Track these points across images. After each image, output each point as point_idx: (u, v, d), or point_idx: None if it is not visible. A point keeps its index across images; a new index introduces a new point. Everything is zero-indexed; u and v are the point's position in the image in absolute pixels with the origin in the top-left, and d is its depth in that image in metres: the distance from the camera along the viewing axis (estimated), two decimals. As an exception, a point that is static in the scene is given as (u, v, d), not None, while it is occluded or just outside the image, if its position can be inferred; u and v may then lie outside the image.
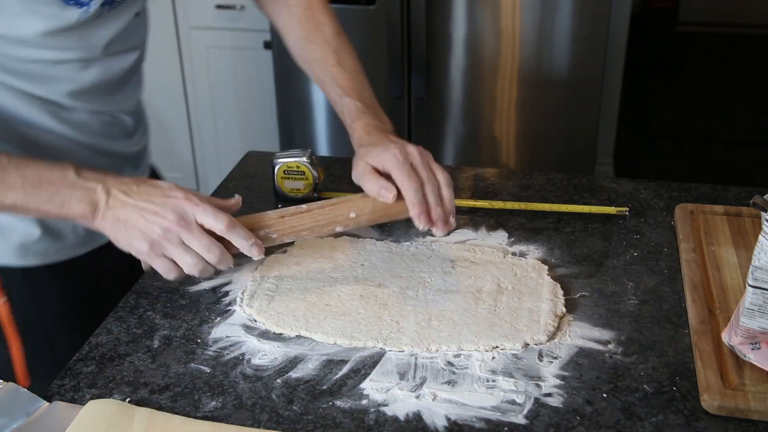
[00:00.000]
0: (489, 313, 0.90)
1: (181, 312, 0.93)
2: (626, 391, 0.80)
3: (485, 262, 1.00)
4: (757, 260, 0.77)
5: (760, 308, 0.78)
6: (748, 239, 1.01)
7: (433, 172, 0.91)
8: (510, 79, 2.45)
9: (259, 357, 0.86)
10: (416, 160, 0.91)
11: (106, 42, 0.98)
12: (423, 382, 0.81)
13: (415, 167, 0.91)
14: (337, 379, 0.82)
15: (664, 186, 1.18)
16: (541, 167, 2.48)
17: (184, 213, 0.85)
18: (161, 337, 0.89)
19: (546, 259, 1.01)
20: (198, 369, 0.84)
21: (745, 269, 0.90)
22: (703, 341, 0.84)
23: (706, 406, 0.78)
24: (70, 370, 0.85)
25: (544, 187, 1.19)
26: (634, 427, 0.76)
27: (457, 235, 1.07)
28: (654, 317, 0.91)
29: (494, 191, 1.18)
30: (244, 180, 1.23)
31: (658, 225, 1.09)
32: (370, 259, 1.01)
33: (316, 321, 0.90)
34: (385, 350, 0.86)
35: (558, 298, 0.93)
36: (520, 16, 2.34)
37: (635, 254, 1.02)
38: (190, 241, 0.85)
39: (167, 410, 0.79)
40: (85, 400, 0.80)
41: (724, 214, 1.07)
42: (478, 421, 0.77)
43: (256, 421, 0.77)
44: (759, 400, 0.76)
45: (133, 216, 0.85)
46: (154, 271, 0.88)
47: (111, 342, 0.89)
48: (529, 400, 0.79)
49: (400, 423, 0.77)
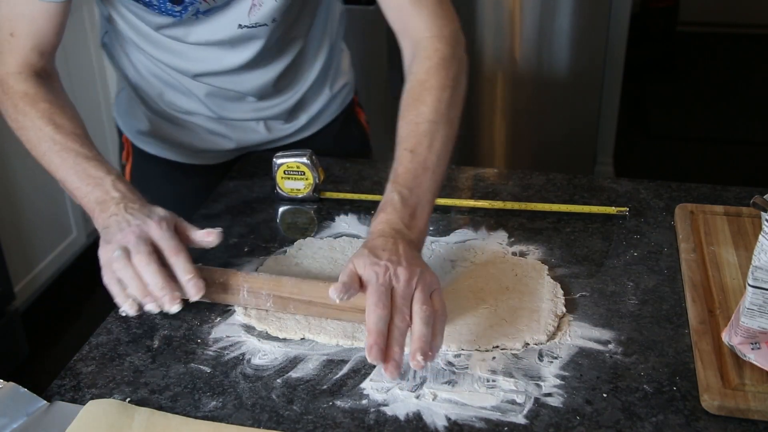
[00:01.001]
0: (489, 313, 0.90)
1: (181, 312, 0.93)
2: (626, 391, 0.80)
3: (485, 262, 1.00)
4: (757, 260, 0.77)
5: (760, 308, 0.78)
6: (748, 239, 1.01)
7: (414, 304, 0.80)
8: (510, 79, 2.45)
9: (259, 357, 0.86)
10: (399, 286, 0.80)
11: (216, 38, 1.11)
12: (423, 382, 0.81)
13: (394, 294, 0.80)
14: (337, 379, 0.82)
15: (664, 186, 1.18)
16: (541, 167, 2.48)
17: (144, 233, 0.87)
18: (161, 337, 0.89)
19: (546, 259, 1.01)
20: (198, 369, 0.84)
21: (745, 269, 0.90)
22: (703, 341, 0.84)
23: (706, 406, 0.78)
24: (70, 370, 0.85)
25: (544, 187, 1.19)
26: (634, 427, 0.76)
27: (457, 235, 1.07)
28: (654, 317, 0.91)
29: (494, 191, 1.18)
30: (244, 180, 1.23)
31: (658, 225, 1.09)
32: (370, 259, 1.01)
33: (317, 322, 0.90)
34: (385, 350, 0.86)
35: (558, 298, 0.93)
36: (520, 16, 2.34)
37: (635, 254, 1.02)
38: (136, 262, 0.85)
39: (167, 410, 0.79)
40: (85, 400, 0.80)
41: (724, 214, 1.07)
42: (478, 421, 0.77)
43: (256, 421, 0.77)
44: (759, 400, 0.76)
45: (110, 231, 0.89)
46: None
47: (111, 342, 0.89)
48: (529, 400, 0.79)
49: (400, 423, 0.77)
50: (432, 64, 0.98)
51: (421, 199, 0.90)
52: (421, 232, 0.89)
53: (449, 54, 0.99)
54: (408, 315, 0.79)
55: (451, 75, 0.98)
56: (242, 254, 1.04)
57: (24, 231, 2.41)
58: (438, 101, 0.95)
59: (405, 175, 0.91)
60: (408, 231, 0.87)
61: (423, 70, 0.98)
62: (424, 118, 0.94)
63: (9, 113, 1.03)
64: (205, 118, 1.26)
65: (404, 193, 0.89)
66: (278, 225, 1.12)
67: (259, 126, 1.28)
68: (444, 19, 1.02)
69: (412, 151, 0.93)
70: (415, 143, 0.93)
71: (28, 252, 2.45)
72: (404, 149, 0.93)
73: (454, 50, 1.00)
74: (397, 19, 1.04)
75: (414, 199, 0.90)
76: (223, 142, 1.29)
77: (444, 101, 0.96)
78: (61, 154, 0.97)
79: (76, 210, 2.67)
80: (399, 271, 0.81)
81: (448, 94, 0.96)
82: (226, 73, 1.18)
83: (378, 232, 0.86)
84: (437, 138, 0.94)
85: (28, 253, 2.45)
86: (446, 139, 0.95)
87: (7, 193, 2.33)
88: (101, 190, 0.93)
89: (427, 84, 0.97)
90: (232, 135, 1.28)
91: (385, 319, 0.78)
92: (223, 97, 1.22)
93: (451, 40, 1.01)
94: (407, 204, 0.89)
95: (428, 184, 0.92)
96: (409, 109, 0.96)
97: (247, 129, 1.28)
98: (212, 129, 1.28)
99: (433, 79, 0.97)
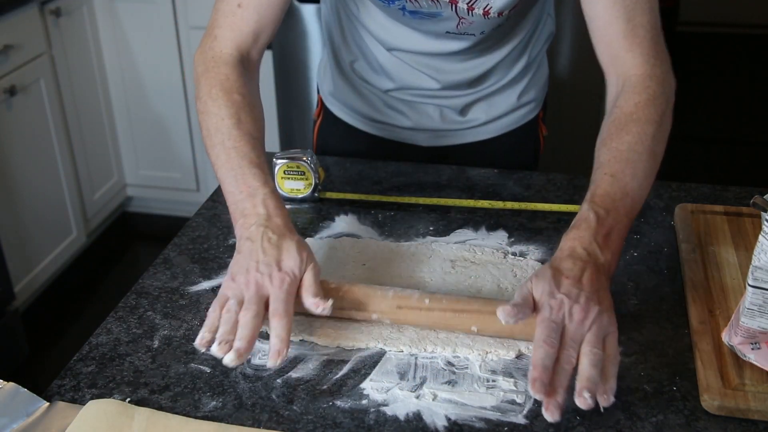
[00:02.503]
0: (489, 313, 0.90)
1: (181, 312, 0.93)
2: (626, 391, 0.80)
3: (485, 263, 1.00)
4: (757, 260, 0.77)
5: (760, 308, 0.78)
6: (748, 239, 1.01)
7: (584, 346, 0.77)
8: (510, 79, 2.44)
9: (259, 357, 0.86)
10: (571, 326, 0.77)
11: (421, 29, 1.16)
12: (423, 382, 0.81)
13: (565, 332, 0.77)
14: (337, 379, 0.82)
15: (664, 186, 1.18)
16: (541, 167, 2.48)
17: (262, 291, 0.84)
18: (161, 337, 0.89)
19: (546, 259, 1.01)
20: (198, 369, 0.84)
21: (745, 269, 0.90)
22: (703, 341, 0.84)
23: (706, 406, 0.78)
24: (70, 370, 0.85)
25: (544, 187, 1.19)
26: (634, 427, 0.76)
27: (457, 235, 1.07)
28: (654, 317, 0.91)
29: (494, 191, 1.18)
30: (244, 180, 1.23)
31: (658, 225, 1.09)
32: (371, 259, 1.01)
33: (318, 324, 0.89)
34: (385, 350, 0.86)
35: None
36: (520, 16, 2.34)
37: (635, 254, 1.02)
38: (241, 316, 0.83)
39: (167, 410, 0.79)
40: (85, 400, 0.80)
41: (724, 214, 1.07)
42: (478, 421, 0.77)
43: (256, 421, 0.77)
44: (759, 400, 0.76)
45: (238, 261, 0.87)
46: None
47: (111, 342, 0.89)
48: (529, 400, 0.79)
49: (400, 423, 0.77)
50: (641, 100, 0.96)
51: (618, 223, 0.87)
52: (613, 256, 0.86)
53: (659, 92, 0.97)
54: (574, 359, 0.76)
55: (659, 111, 0.96)
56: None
57: (24, 231, 2.41)
58: (644, 133, 0.93)
59: (603, 197, 0.88)
60: (600, 253, 0.84)
61: (631, 104, 0.96)
62: (628, 147, 0.92)
63: (201, 93, 1.01)
64: (386, 95, 1.29)
65: (601, 213, 0.86)
66: (278, 225, 1.12)
67: (435, 113, 1.29)
68: (656, 59, 0.99)
69: (613, 175, 0.90)
70: (617, 169, 0.91)
71: (28, 252, 2.45)
72: (605, 173, 0.91)
73: (664, 89, 0.98)
74: (607, 53, 1.02)
75: (611, 221, 0.86)
76: (399, 117, 1.31)
77: (649, 135, 0.94)
78: (229, 152, 0.95)
79: (76, 210, 2.67)
80: (574, 309, 0.78)
81: (654, 128, 0.94)
82: (422, 55, 1.20)
83: (568, 250, 0.83)
84: (639, 168, 0.91)
85: (28, 253, 2.45)
86: (649, 170, 0.93)
87: (7, 193, 2.33)
88: (251, 202, 0.91)
89: (634, 116, 0.95)
90: (408, 113, 1.30)
91: (552, 356, 0.75)
92: (410, 76, 1.24)
93: (662, 80, 0.98)
94: (603, 224, 0.86)
95: (626, 209, 0.89)
96: (612, 137, 0.94)
97: (422, 112, 1.30)
98: (390, 104, 1.30)
99: (640, 112, 0.95)
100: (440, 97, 1.27)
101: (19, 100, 2.34)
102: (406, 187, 1.20)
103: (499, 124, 1.33)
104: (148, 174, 2.96)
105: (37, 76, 2.42)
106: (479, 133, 1.33)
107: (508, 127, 1.34)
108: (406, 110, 1.30)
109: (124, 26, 2.71)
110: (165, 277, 1.00)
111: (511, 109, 1.32)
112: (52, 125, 2.51)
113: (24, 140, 2.39)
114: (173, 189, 2.98)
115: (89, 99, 2.73)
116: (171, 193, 2.99)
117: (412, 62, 1.22)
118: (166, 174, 2.95)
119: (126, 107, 2.85)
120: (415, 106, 1.29)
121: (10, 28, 2.28)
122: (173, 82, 2.77)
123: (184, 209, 2.95)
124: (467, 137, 1.33)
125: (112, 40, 2.74)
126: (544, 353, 0.75)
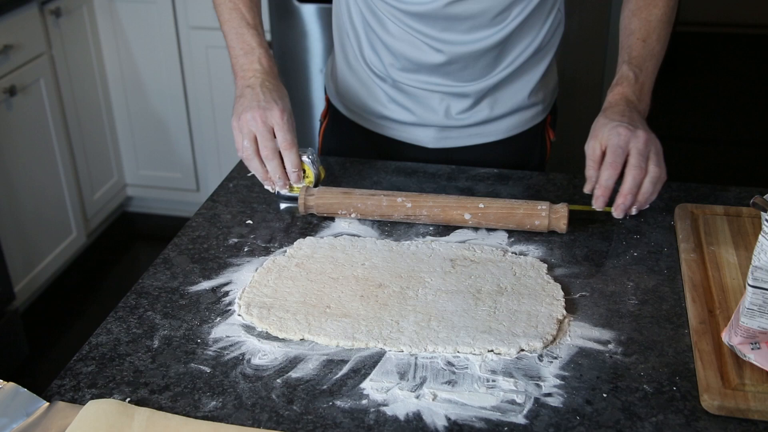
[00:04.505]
0: (487, 315, 0.90)
1: (181, 312, 0.93)
2: (626, 391, 0.80)
3: (485, 261, 1.00)
4: (757, 260, 0.77)
5: (760, 308, 0.78)
6: (748, 239, 1.01)
7: (649, 164, 1.00)
8: (510, 79, 2.44)
9: (259, 357, 0.86)
10: (638, 144, 1.00)
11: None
12: (423, 382, 0.81)
13: (631, 152, 1.00)
14: (337, 379, 0.82)
15: (664, 186, 1.17)
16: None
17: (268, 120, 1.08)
18: (161, 337, 0.89)
19: (546, 259, 1.01)
20: (198, 369, 0.84)
21: (745, 269, 0.90)
22: (703, 341, 0.84)
23: (706, 406, 0.78)
24: (70, 370, 0.85)
25: (544, 187, 1.19)
26: (634, 427, 0.76)
27: (457, 235, 1.07)
28: (654, 317, 0.91)
29: (494, 191, 1.18)
30: (244, 180, 1.23)
31: (658, 225, 1.09)
32: (371, 259, 1.01)
33: (317, 324, 0.90)
34: (385, 350, 0.86)
35: (558, 300, 0.93)
36: (520, 16, 2.34)
37: (635, 254, 1.02)
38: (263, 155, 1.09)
39: (167, 410, 0.79)
40: (85, 400, 0.80)
41: (724, 214, 1.07)
42: (478, 421, 0.77)
43: (256, 421, 0.77)
44: (759, 400, 0.76)
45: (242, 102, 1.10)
46: None
47: (111, 342, 0.89)
48: (529, 400, 0.79)
49: (400, 423, 0.77)
50: None
51: (647, 80, 1.12)
52: (647, 106, 1.10)
53: None
54: (644, 169, 0.99)
55: None
56: (242, 254, 1.04)
57: (24, 231, 2.41)
58: (668, 7, 1.17)
59: (638, 58, 1.12)
60: (638, 103, 1.08)
61: None
62: (656, 18, 1.15)
63: None
64: (391, 87, 1.30)
65: (637, 72, 1.10)
66: (278, 225, 1.12)
67: (440, 106, 1.28)
68: None
69: (644, 40, 1.13)
70: (647, 35, 1.14)
71: (28, 252, 2.45)
72: (637, 39, 1.14)
73: None
74: None
75: (643, 77, 1.11)
76: (403, 113, 1.31)
77: (670, 9, 1.17)
78: (231, 12, 1.18)
79: (76, 210, 2.67)
80: (638, 133, 1.01)
81: (673, 4, 1.17)
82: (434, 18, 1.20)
83: (615, 102, 1.08)
84: (662, 35, 1.15)
85: (28, 253, 2.45)
86: (668, 36, 1.17)
87: (8, 193, 2.33)
88: (249, 58, 1.14)
89: None
90: (412, 108, 1.30)
91: (615, 178, 0.99)
92: (415, 51, 1.24)
93: None
94: (638, 80, 1.10)
95: (653, 69, 1.13)
96: (641, 9, 1.16)
97: (427, 105, 1.29)
98: (395, 98, 1.30)
99: None
100: (445, 85, 1.26)
101: (19, 100, 2.34)
102: (406, 187, 1.20)
103: (505, 124, 1.31)
104: (148, 174, 2.96)
105: (37, 76, 2.42)
106: (484, 133, 1.31)
107: (515, 130, 1.32)
108: (410, 105, 1.29)
109: (124, 26, 2.71)
110: (165, 277, 1.00)
111: (518, 108, 1.30)
112: (52, 125, 2.51)
113: (24, 140, 2.39)
114: (173, 189, 2.98)
115: (89, 99, 2.73)
116: (171, 193, 2.99)
117: (417, 33, 1.22)
118: (166, 174, 2.95)
119: (126, 107, 2.85)
120: (419, 99, 1.28)
121: (10, 28, 2.28)
122: (173, 82, 2.77)
123: (184, 209, 2.95)
124: (472, 138, 1.31)
125: (112, 40, 2.74)
126: (609, 175, 1.00)
